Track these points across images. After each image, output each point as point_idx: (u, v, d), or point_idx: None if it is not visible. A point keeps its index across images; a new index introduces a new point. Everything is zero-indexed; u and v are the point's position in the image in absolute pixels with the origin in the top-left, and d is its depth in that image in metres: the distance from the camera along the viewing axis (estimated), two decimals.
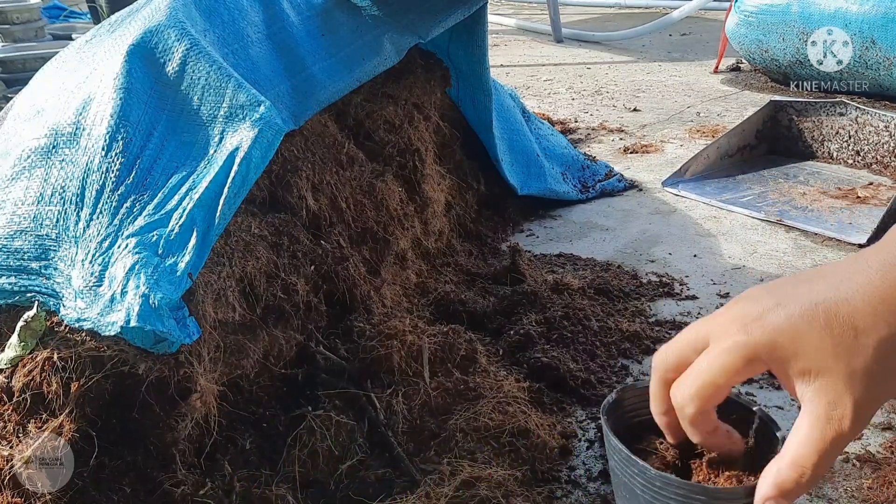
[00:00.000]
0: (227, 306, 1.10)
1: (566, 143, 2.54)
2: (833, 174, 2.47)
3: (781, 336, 0.42)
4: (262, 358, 1.17)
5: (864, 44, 3.13)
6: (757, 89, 3.67)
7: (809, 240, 2.02)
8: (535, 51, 4.83)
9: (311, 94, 1.42)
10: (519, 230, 2.15)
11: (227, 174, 1.10)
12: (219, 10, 1.36)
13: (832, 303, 0.42)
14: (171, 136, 1.15)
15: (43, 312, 0.99)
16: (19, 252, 1.05)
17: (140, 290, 0.97)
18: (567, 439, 1.25)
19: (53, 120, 1.17)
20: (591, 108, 3.44)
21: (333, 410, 1.15)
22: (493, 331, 1.55)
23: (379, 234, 1.53)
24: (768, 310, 0.43)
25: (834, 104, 2.56)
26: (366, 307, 1.39)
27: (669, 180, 2.42)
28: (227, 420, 1.10)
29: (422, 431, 1.18)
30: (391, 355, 1.27)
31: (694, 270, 1.88)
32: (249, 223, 1.22)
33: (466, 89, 2.10)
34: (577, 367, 1.42)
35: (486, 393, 1.24)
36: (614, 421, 0.86)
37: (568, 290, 1.68)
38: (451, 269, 1.79)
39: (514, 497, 1.04)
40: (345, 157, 1.53)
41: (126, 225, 1.05)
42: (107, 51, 1.24)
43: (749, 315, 0.44)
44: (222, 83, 1.18)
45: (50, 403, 0.94)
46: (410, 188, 1.75)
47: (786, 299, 0.43)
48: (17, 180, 1.13)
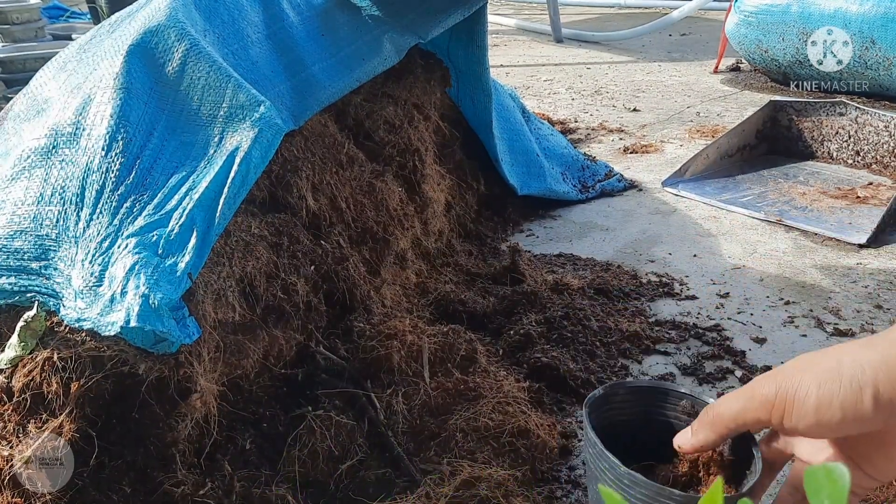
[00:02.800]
0: (227, 306, 1.10)
1: (566, 143, 2.54)
2: (833, 174, 2.47)
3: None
4: (262, 358, 1.17)
5: (863, 44, 3.13)
6: (757, 89, 3.67)
7: (809, 240, 2.02)
8: (534, 51, 4.83)
9: (310, 94, 1.42)
10: (519, 230, 2.15)
11: (226, 174, 1.10)
12: (219, 11, 1.36)
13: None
14: (171, 136, 1.15)
15: (43, 312, 0.99)
16: (19, 252, 1.05)
17: (140, 291, 0.97)
18: (567, 439, 1.25)
19: (53, 120, 1.17)
20: (591, 108, 3.44)
21: (333, 410, 1.15)
22: (493, 331, 1.55)
23: (379, 234, 1.53)
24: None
25: (834, 104, 2.56)
26: (366, 307, 1.39)
27: (669, 180, 2.42)
28: (227, 420, 1.10)
29: (422, 431, 1.18)
30: (391, 355, 1.27)
31: (694, 270, 1.88)
32: (249, 223, 1.22)
33: (466, 89, 2.10)
34: (577, 367, 1.42)
35: (486, 393, 1.24)
36: (598, 416, 0.86)
37: (568, 290, 1.68)
38: (451, 269, 1.79)
39: (514, 497, 1.04)
40: (345, 157, 1.53)
41: (126, 225, 1.05)
42: (107, 51, 1.24)
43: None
44: (222, 83, 1.18)
45: (50, 403, 0.94)
46: (410, 188, 1.75)
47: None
48: (17, 180, 1.13)
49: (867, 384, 0.43)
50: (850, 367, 0.44)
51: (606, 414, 0.90)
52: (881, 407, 0.43)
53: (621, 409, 0.96)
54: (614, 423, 0.84)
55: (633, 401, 0.98)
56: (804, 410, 0.45)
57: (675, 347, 1.54)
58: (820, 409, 0.45)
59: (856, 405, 0.44)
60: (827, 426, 0.45)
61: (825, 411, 0.45)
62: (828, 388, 0.44)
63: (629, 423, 0.90)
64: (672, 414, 0.99)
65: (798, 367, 0.47)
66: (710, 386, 1.41)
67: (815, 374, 0.45)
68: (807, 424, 0.46)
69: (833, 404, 0.44)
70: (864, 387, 0.43)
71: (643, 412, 0.98)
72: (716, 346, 1.53)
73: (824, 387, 0.45)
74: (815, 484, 0.30)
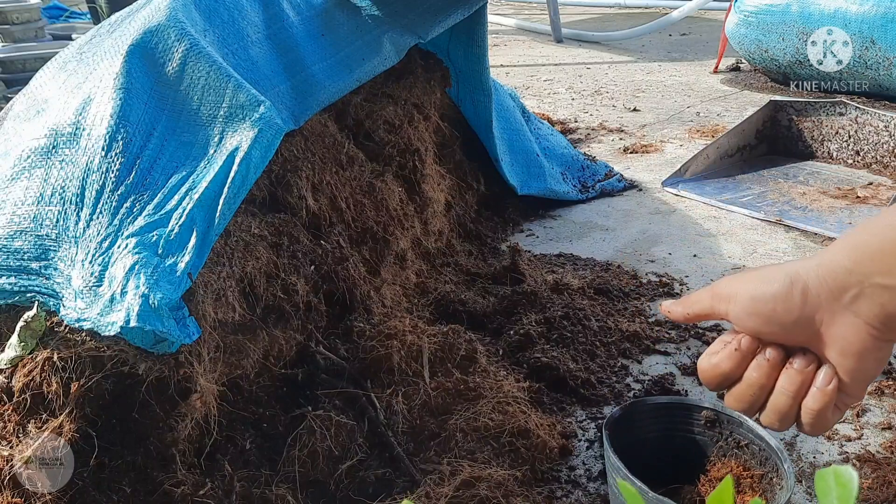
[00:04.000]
0: (226, 306, 1.10)
1: (566, 143, 2.54)
2: (833, 174, 2.47)
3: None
4: (262, 358, 1.17)
5: (863, 44, 3.13)
6: (757, 89, 3.67)
7: (809, 240, 2.02)
8: (535, 51, 4.83)
9: (310, 94, 1.42)
10: (519, 230, 2.15)
11: (226, 174, 1.10)
12: (219, 10, 1.36)
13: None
14: (170, 136, 1.15)
15: (43, 312, 0.99)
16: (19, 252, 1.05)
17: (140, 291, 0.97)
18: (567, 439, 1.25)
19: (53, 120, 1.17)
20: (591, 108, 3.44)
21: (333, 410, 1.15)
22: (493, 331, 1.55)
23: (379, 234, 1.53)
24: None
25: (834, 104, 2.56)
26: (366, 307, 1.39)
27: (669, 180, 2.42)
28: (227, 420, 1.10)
29: (422, 431, 1.18)
30: (391, 355, 1.27)
31: (694, 270, 1.88)
32: (249, 223, 1.22)
33: (466, 89, 2.10)
34: (577, 367, 1.42)
35: (486, 393, 1.24)
36: (619, 437, 0.85)
37: (568, 290, 1.68)
38: (450, 269, 1.79)
39: (514, 497, 1.04)
40: (345, 157, 1.53)
41: (126, 225, 1.05)
42: (107, 51, 1.24)
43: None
44: (222, 83, 1.18)
45: (50, 403, 0.94)
46: (410, 188, 1.75)
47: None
48: (17, 180, 1.13)
49: (798, 281, 0.52)
50: (787, 269, 0.54)
51: (627, 434, 0.88)
52: (808, 301, 0.52)
53: (642, 427, 0.95)
54: (635, 443, 0.83)
55: (655, 419, 0.97)
56: (743, 301, 0.55)
57: (675, 347, 1.54)
58: (755, 299, 0.54)
59: (786, 297, 0.52)
60: (760, 315, 0.54)
61: (759, 302, 0.54)
62: (766, 284, 0.54)
63: (651, 440, 0.89)
64: (697, 430, 0.98)
65: (747, 272, 0.57)
66: None
67: (757, 273, 0.56)
68: (745, 312, 0.55)
69: (766, 295, 0.53)
70: (795, 282, 0.52)
71: (665, 429, 0.97)
72: None
73: (763, 283, 0.54)
74: (825, 486, 0.31)
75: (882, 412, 1.33)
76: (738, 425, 0.97)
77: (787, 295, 0.52)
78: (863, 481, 1.15)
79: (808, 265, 0.53)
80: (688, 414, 0.98)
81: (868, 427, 1.29)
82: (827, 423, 0.54)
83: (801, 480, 1.15)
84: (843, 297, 0.50)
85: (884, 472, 1.16)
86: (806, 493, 1.13)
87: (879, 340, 0.51)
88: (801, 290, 0.52)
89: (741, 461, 0.95)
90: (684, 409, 0.98)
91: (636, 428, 0.95)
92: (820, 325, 0.52)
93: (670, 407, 0.98)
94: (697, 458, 0.97)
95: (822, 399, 0.53)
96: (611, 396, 1.39)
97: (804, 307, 0.52)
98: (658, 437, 0.95)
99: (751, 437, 0.95)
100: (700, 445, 0.98)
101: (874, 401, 1.36)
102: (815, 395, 0.53)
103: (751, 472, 0.91)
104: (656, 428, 0.97)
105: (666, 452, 0.96)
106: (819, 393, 0.53)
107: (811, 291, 0.52)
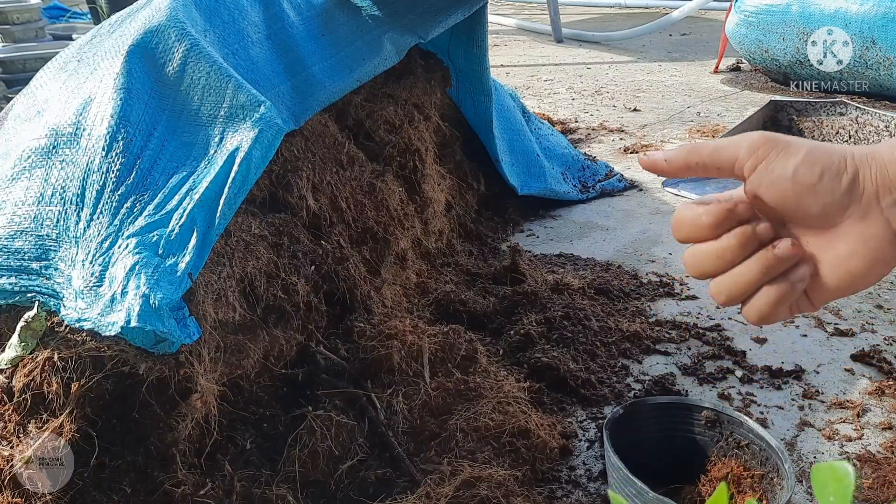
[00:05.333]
0: (227, 306, 1.10)
1: (566, 143, 2.54)
2: None
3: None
4: (262, 358, 1.17)
5: (864, 44, 3.13)
6: (757, 89, 3.67)
7: None
8: (535, 51, 4.83)
9: (311, 94, 1.42)
10: (519, 230, 2.15)
11: (227, 174, 1.10)
12: (219, 11, 1.36)
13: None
14: (171, 137, 1.15)
15: (43, 313, 0.99)
16: (20, 252, 1.05)
17: (140, 291, 0.97)
18: (567, 439, 1.25)
19: (54, 120, 1.17)
20: (591, 108, 3.44)
21: (333, 410, 1.15)
22: (493, 331, 1.55)
23: (379, 234, 1.53)
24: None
25: (834, 104, 2.56)
26: (366, 307, 1.39)
27: (670, 180, 2.42)
28: (228, 420, 1.10)
29: (422, 431, 1.19)
30: (391, 355, 1.27)
31: None
32: (250, 223, 1.22)
33: (466, 89, 2.11)
34: (578, 367, 1.42)
35: (486, 393, 1.24)
36: (620, 437, 0.85)
37: (568, 290, 1.68)
38: (451, 269, 1.79)
39: (514, 497, 1.04)
40: (345, 157, 1.53)
41: (126, 225, 1.05)
42: (107, 51, 1.24)
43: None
44: (222, 83, 1.18)
45: (50, 403, 0.94)
46: (410, 188, 1.75)
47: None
48: (17, 180, 1.13)
49: (852, 165, 0.47)
50: (844, 148, 0.48)
51: (627, 434, 0.89)
52: (854, 188, 0.47)
53: (643, 427, 0.95)
54: (636, 442, 0.83)
55: (655, 419, 0.97)
56: (787, 161, 0.48)
57: (675, 347, 1.54)
58: (802, 166, 0.48)
59: (836, 175, 0.47)
60: (799, 182, 0.48)
61: (806, 169, 0.48)
62: (819, 153, 0.48)
63: (651, 440, 0.90)
64: (697, 430, 0.98)
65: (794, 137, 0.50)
66: (711, 386, 1.41)
67: (810, 142, 0.49)
68: (780, 176, 0.48)
69: (815, 166, 0.47)
70: (850, 165, 0.47)
71: (666, 429, 0.98)
72: (716, 345, 1.53)
73: (816, 151, 0.48)
74: (821, 481, 0.31)
75: (882, 412, 1.33)
76: (738, 425, 0.97)
77: (839, 174, 0.48)
78: (863, 481, 1.15)
79: (860, 153, 0.48)
80: (688, 414, 0.98)
81: (868, 427, 1.29)
82: (778, 317, 0.51)
83: (802, 480, 1.15)
84: (884, 198, 0.48)
85: (884, 471, 1.16)
86: (806, 492, 1.13)
87: (893, 256, 0.48)
88: (852, 174, 0.48)
89: (741, 461, 0.95)
90: (685, 409, 0.98)
91: (637, 428, 0.95)
92: (846, 216, 0.48)
93: (671, 407, 0.99)
94: (698, 458, 0.98)
95: (788, 292, 0.50)
96: (611, 396, 1.39)
97: (849, 192, 0.48)
98: (658, 437, 0.96)
99: (751, 437, 0.96)
100: (700, 445, 0.98)
101: (874, 401, 1.36)
102: (783, 286, 0.50)
103: (751, 472, 0.91)
104: (657, 428, 0.97)
105: (666, 452, 0.96)
106: (788, 285, 0.50)
107: (859, 179, 0.48)
